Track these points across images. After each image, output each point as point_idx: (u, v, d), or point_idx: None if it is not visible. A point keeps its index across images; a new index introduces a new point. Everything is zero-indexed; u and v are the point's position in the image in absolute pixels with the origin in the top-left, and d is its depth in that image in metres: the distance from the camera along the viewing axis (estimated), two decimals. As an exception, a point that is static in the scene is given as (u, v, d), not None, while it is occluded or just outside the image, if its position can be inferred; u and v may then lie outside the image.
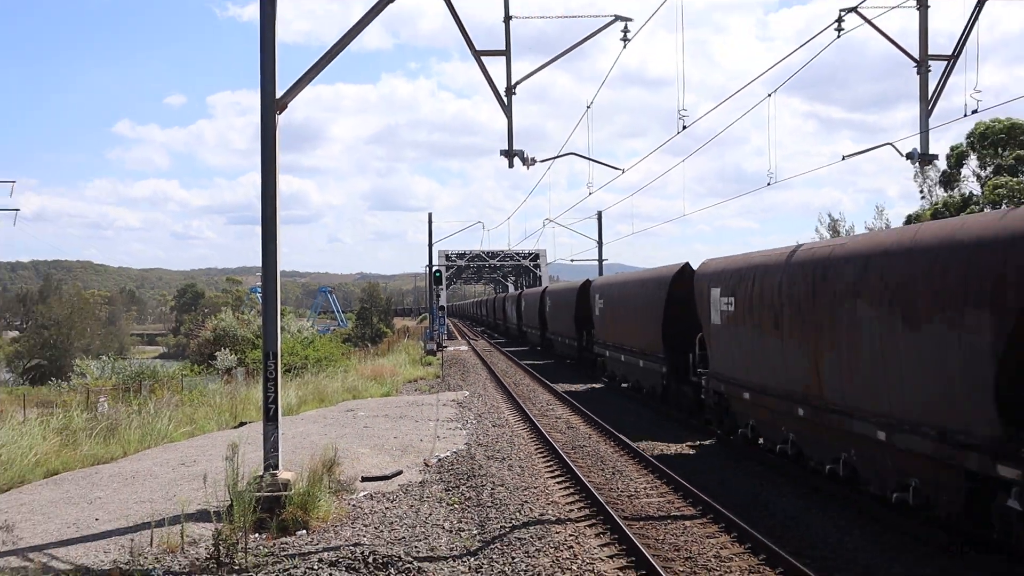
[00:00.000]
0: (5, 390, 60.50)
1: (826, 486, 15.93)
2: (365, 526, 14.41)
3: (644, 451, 20.26)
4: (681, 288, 24.77)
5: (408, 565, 11.67)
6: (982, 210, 50.26)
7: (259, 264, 16.05)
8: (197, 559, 12.45)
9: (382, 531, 14.07)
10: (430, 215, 67.95)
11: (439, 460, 20.13)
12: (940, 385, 11.65)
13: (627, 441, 21.17)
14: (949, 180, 53.09)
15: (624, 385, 33.15)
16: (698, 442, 21.96)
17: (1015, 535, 10.55)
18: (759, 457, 18.94)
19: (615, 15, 16.43)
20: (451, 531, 14.06)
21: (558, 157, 19.92)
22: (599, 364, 37.48)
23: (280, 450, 15.79)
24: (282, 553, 12.67)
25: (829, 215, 68.50)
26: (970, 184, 52.58)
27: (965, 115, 16.93)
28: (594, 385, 37.36)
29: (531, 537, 13.45)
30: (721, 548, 12.71)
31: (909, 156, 17.41)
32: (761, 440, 18.49)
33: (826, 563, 11.78)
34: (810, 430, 15.85)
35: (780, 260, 16.88)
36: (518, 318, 70.63)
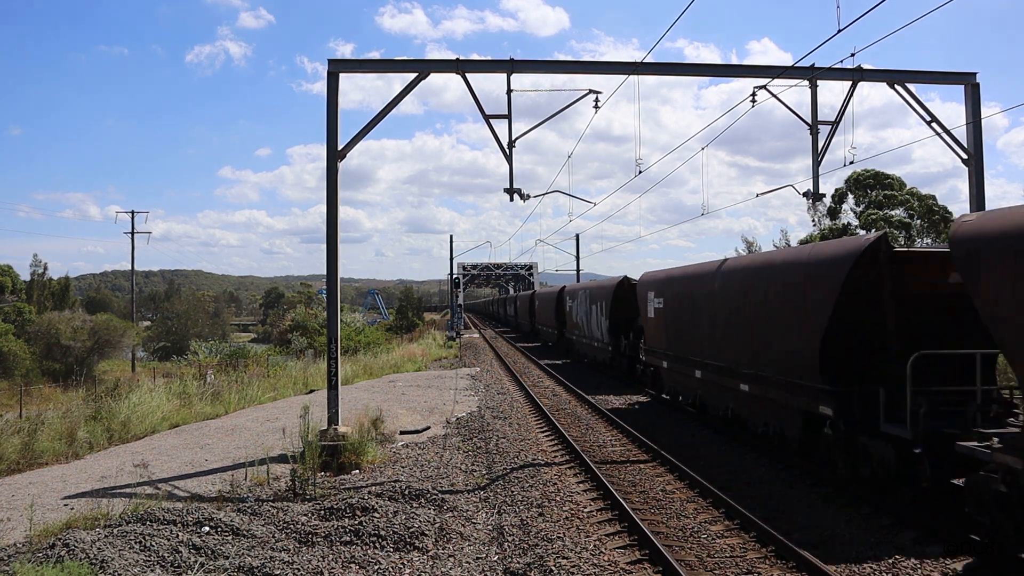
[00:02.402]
0: (141, 365, 60.37)
1: (722, 427, 16.91)
2: (403, 467, 14.33)
3: (600, 404, 21.31)
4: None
5: (435, 496, 11.60)
6: (855, 234, 50.35)
7: (324, 272, 16.02)
8: (279, 490, 12.38)
9: (415, 471, 13.98)
10: (451, 236, 67.77)
11: (457, 419, 20.03)
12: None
13: (593, 402, 21.08)
14: (833, 213, 53.35)
15: (584, 360, 35.53)
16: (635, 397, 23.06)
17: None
18: (678, 408, 20.04)
19: (589, 89, 16.37)
20: (466, 471, 13.97)
21: (546, 194, 19.82)
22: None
23: (339, 410, 15.72)
24: (341, 487, 12.60)
25: (744, 239, 68.48)
26: (848, 216, 52.93)
27: (844, 165, 16.95)
28: (566, 360, 37.36)
29: (526, 476, 13.36)
30: (667, 483, 12.64)
31: (805, 194, 17.37)
32: (680, 398, 19.53)
33: (710, 471, 11.70)
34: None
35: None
36: (530, 316, 57.66)
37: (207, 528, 9.73)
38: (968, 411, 9.58)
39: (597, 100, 16.40)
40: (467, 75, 16.00)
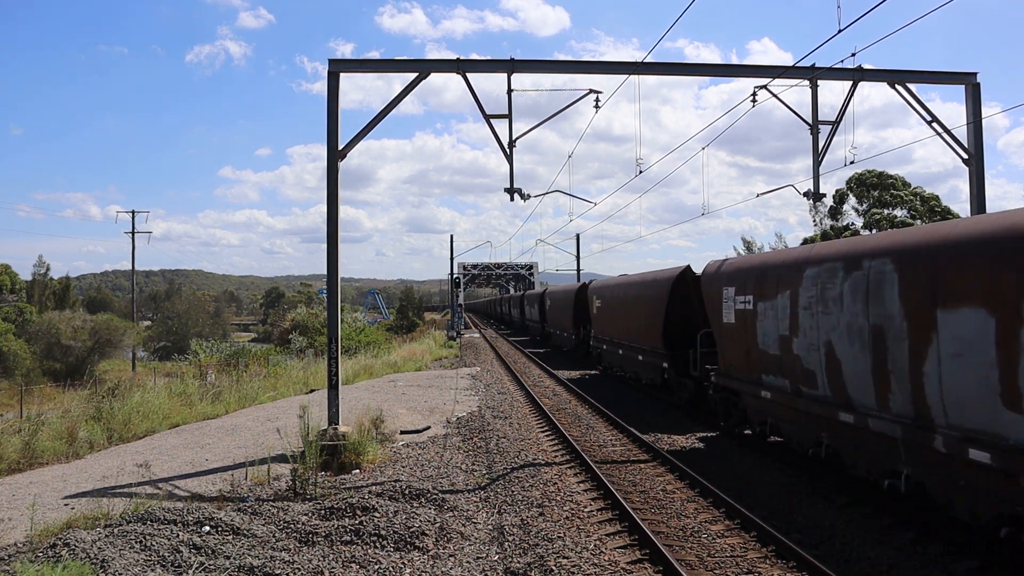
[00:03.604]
0: (141, 364, 60.43)
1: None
2: (403, 467, 14.34)
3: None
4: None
5: (435, 495, 11.61)
6: (857, 233, 50.38)
7: (325, 272, 16.02)
8: (279, 490, 12.39)
9: (415, 470, 13.99)
10: (451, 236, 67.80)
11: (458, 418, 20.04)
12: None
13: (594, 402, 21.10)
14: (834, 213, 53.40)
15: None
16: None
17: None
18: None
19: (590, 89, 16.37)
20: (467, 471, 13.98)
21: (547, 193, 19.83)
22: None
23: (339, 410, 15.73)
24: (341, 486, 12.61)
25: (744, 239, 68.55)
26: (850, 216, 52.94)
27: (845, 165, 16.95)
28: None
29: (526, 476, 13.37)
30: (667, 483, 12.65)
31: (805, 195, 17.36)
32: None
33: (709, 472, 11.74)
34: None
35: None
36: (540, 317, 51.04)
37: (207, 528, 9.74)
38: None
39: (597, 100, 16.40)
40: (467, 75, 16.00)
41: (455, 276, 69.06)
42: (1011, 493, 7.83)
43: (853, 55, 14.93)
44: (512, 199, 16.55)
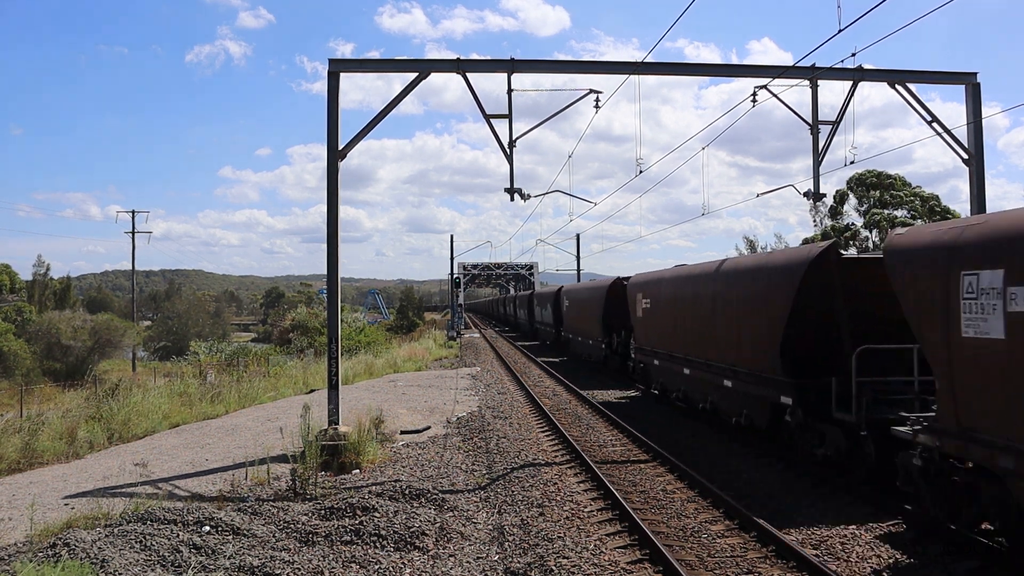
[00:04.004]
0: (142, 364, 60.45)
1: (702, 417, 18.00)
2: (403, 467, 14.34)
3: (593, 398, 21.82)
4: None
5: (435, 495, 11.61)
6: (857, 233, 50.44)
7: (325, 272, 16.03)
8: (279, 490, 12.39)
9: (416, 470, 13.99)
10: (452, 236, 67.79)
11: (458, 418, 20.04)
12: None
13: (593, 401, 21.09)
14: (834, 213, 53.42)
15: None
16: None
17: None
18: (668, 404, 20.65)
19: (590, 89, 16.38)
20: (467, 471, 13.98)
21: (547, 193, 19.84)
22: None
23: (339, 410, 15.73)
24: (341, 486, 12.61)
25: (747, 238, 68.57)
26: (850, 216, 52.99)
27: (845, 165, 16.96)
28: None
29: (526, 476, 13.37)
30: (667, 483, 12.64)
31: (805, 194, 17.36)
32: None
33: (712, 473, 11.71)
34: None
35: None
36: (556, 320, 43.54)
37: (207, 528, 9.74)
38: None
39: (597, 100, 16.40)
40: (467, 75, 16.00)
41: (455, 276, 69.07)
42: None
43: (853, 55, 14.94)
44: (512, 199, 16.56)
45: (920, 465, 9.15)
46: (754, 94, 16.53)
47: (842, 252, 13.36)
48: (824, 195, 17.52)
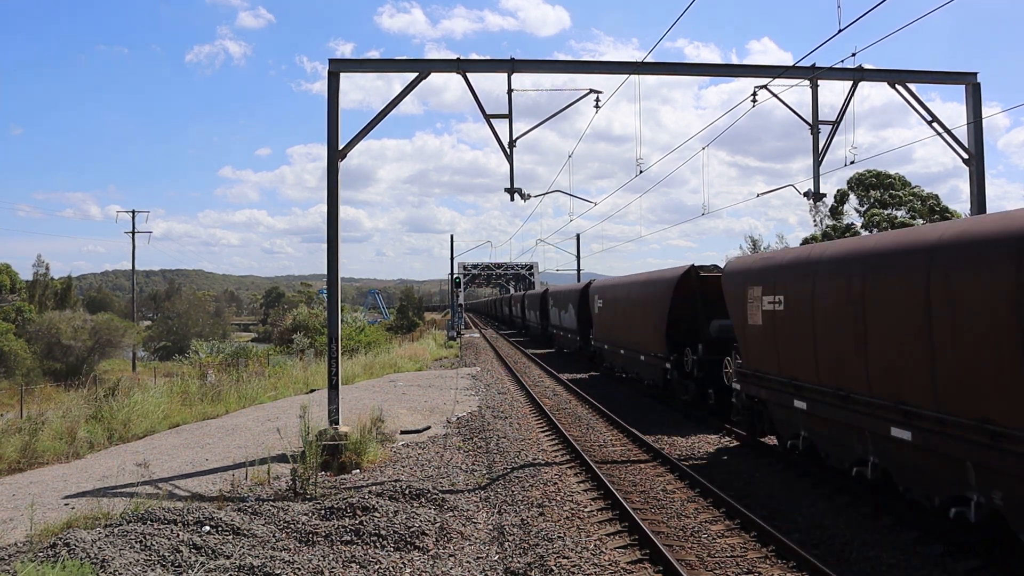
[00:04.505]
0: (142, 364, 60.46)
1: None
2: (403, 467, 14.34)
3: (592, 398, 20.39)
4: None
5: (435, 495, 11.60)
6: (857, 233, 50.40)
7: (325, 272, 16.02)
8: (279, 490, 12.39)
9: (416, 470, 13.99)
10: (452, 236, 67.76)
11: (458, 418, 20.04)
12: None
13: (595, 402, 21.09)
14: (834, 212, 53.40)
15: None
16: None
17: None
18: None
19: (590, 89, 16.38)
20: (467, 471, 13.98)
21: (547, 193, 19.83)
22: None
23: (340, 410, 15.73)
24: (341, 486, 12.61)
25: (751, 237, 68.55)
26: (851, 216, 52.99)
27: (845, 165, 16.95)
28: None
29: (526, 475, 13.37)
30: (667, 483, 12.64)
31: (805, 194, 17.37)
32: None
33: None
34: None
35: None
36: (582, 326, 35.01)
37: (208, 527, 9.74)
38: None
39: (597, 100, 16.41)
40: (468, 75, 16.00)
41: (455, 276, 69.05)
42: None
43: (853, 55, 14.94)
44: (512, 199, 16.56)
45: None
46: (754, 94, 16.54)
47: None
48: (824, 195, 17.52)
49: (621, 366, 26.11)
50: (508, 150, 15.99)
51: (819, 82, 16.64)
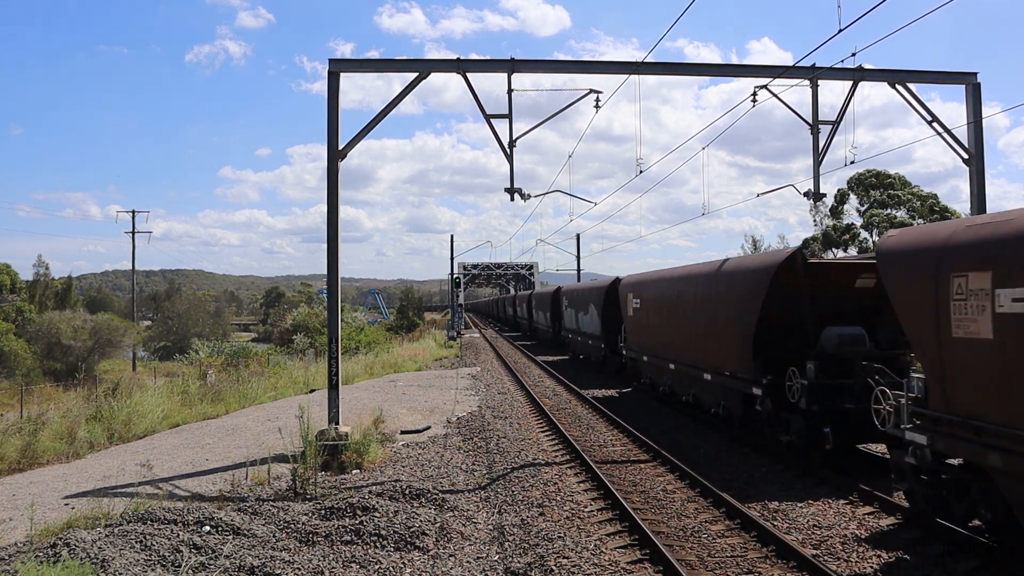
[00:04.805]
0: (142, 364, 60.45)
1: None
2: (403, 467, 14.33)
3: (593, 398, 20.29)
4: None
5: (435, 495, 11.60)
6: (857, 233, 50.41)
7: (325, 272, 16.03)
8: (280, 490, 12.39)
9: (416, 470, 13.99)
10: (452, 236, 67.74)
11: (458, 418, 20.04)
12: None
13: (593, 402, 21.08)
14: (835, 212, 53.36)
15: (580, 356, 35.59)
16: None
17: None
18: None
19: (590, 89, 16.38)
20: (467, 471, 13.98)
21: (547, 193, 19.82)
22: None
23: (340, 410, 15.72)
24: (342, 486, 12.61)
25: (752, 237, 68.52)
26: (851, 216, 52.99)
27: (845, 165, 16.95)
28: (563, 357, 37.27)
29: (527, 475, 13.37)
30: (668, 483, 12.63)
31: (805, 194, 17.37)
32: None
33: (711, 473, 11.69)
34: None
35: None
36: (607, 332, 28.82)
37: (208, 527, 9.74)
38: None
39: (598, 100, 16.41)
40: (468, 75, 16.00)
41: (455, 276, 69.04)
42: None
43: (853, 55, 14.93)
44: (512, 199, 16.56)
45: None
46: (754, 94, 16.53)
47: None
48: (824, 195, 17.51)
49: (670, 384, 19.91)
50: (508, 150, 15.99)
51: (819, 82, 16.64)
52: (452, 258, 68.27)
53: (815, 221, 55.66)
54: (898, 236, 9.79)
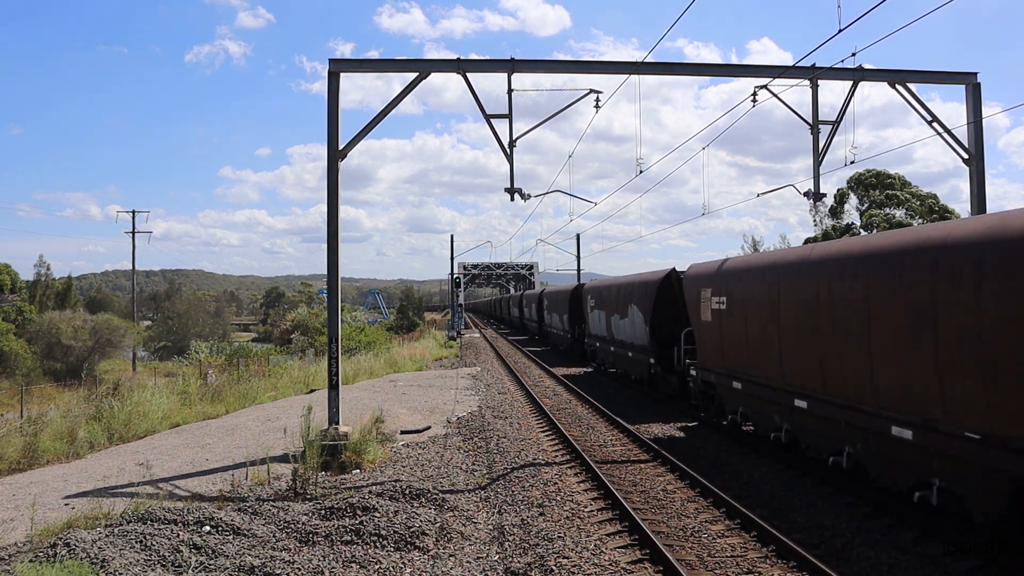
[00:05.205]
0: (142, 364, 60.44)
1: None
2: (403, 467, 14.33)
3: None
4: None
5: (435, 495, 11.60)
6: (856, 234, 50.37)
7: (325, 272, 16.02)
8: (280, 490, 12.39)
9: (416, 470, 13.99)
10: (452, 236, 67.72)
11: (458, 418, 20.04)
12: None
13: (594, 402, 21.06)
14: (835, 212, 53.37)
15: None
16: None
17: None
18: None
19: (590, 89, 16.37)
20: (467, 471, 13.97)
21: (547, 193, 19.81)
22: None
23: (340, 410, 15.72)
24: (342, 486, 12.61)
25: (752, 238, 68.51)
26: (851, 215, 52.98)
27: (845, 165, 16.93)
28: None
29: (527, 475, 13.36)
30: (667, 483, 12.63)
31: (805, 194, 17.35)
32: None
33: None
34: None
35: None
36: (653, 337, 21.68)
37: (208, 527, 9.74)
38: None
39: (598, 100, 16.40)
40: (468, 75, 15.99)
41: (455, 276, 69.03)
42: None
43: (853, 55, 14.92)
44: (512, 199, 16.55)
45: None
46: (754, 94, 16.52)
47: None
48: (824, 195, 17.49)
49: (794, 426, 12.90)
50: (508, 150, 15.98)
51: (819, 82, 16.63)
52: (452, 258, 68.29)
53: (815, 221, 55.66)
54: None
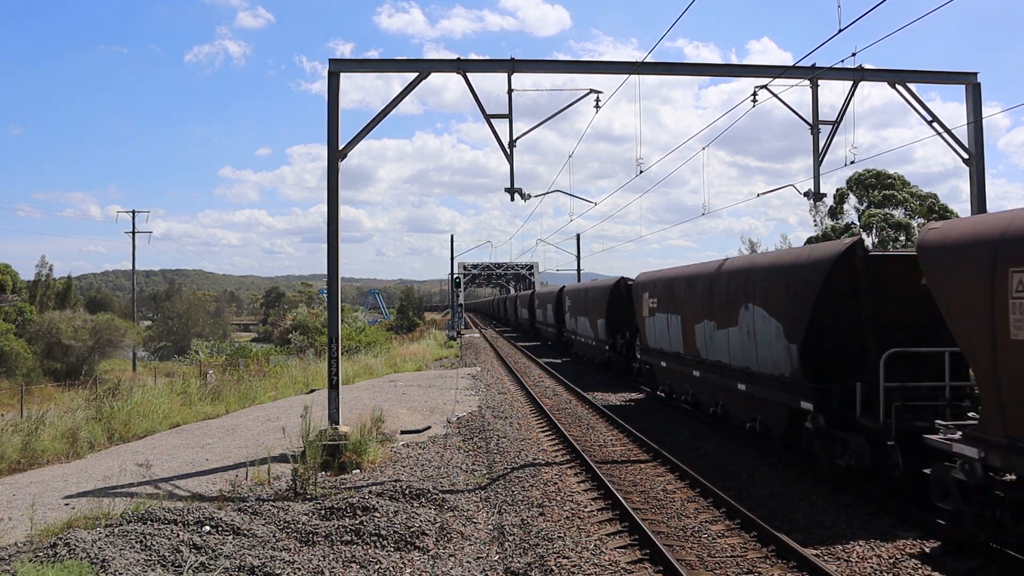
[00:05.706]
0: (142, 364, 60.44)
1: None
2: (403, 467, 14.33)
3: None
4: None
5: (435, 495, 11.60)
6: (855, 234, 50.37)
7: (325, 272, 16.04)
8: (280, 490, 12.39)
9: (416, 470, 13.98)
10: (452, 236, 67.75)
11: (458, 418, 20.03)
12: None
13: (595, 402, 21.07)
14: (834, 212, 53.38)
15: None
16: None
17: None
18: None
19: (590, 89, 16.37)
20: (467, 471, 13.97)
21: (547, 193, 19.83)
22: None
23: (340, 410, 15.72)
24: (342, 486, 12.61)
25: (749, 239, 68.51)
26: (851, 215, 52.99)
27: (845, 165, 16.96)
28: (566, 359, 37.22)
29: (527, 475, 13.35)
30: (667, 483, 12.63)
31: (805, 194, 17.37)
32: None
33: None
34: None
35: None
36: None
37: (208, 527, 9.73)
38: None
39: (598, 100, 16.40)
40: (468, 75, 15.99)
41: (455, 276, 69.02)
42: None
43: (853, 55, 14.93)
44: (512, 199, 16.56)
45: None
46: (754, 94, 16.53)
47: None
48: (824, 195, 17.50)
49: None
50: (508, 150, 15.99)
51: (819, 82, 16.63)
52: (452, 258, 68.31)
53: (815, 221, 55.67)
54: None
